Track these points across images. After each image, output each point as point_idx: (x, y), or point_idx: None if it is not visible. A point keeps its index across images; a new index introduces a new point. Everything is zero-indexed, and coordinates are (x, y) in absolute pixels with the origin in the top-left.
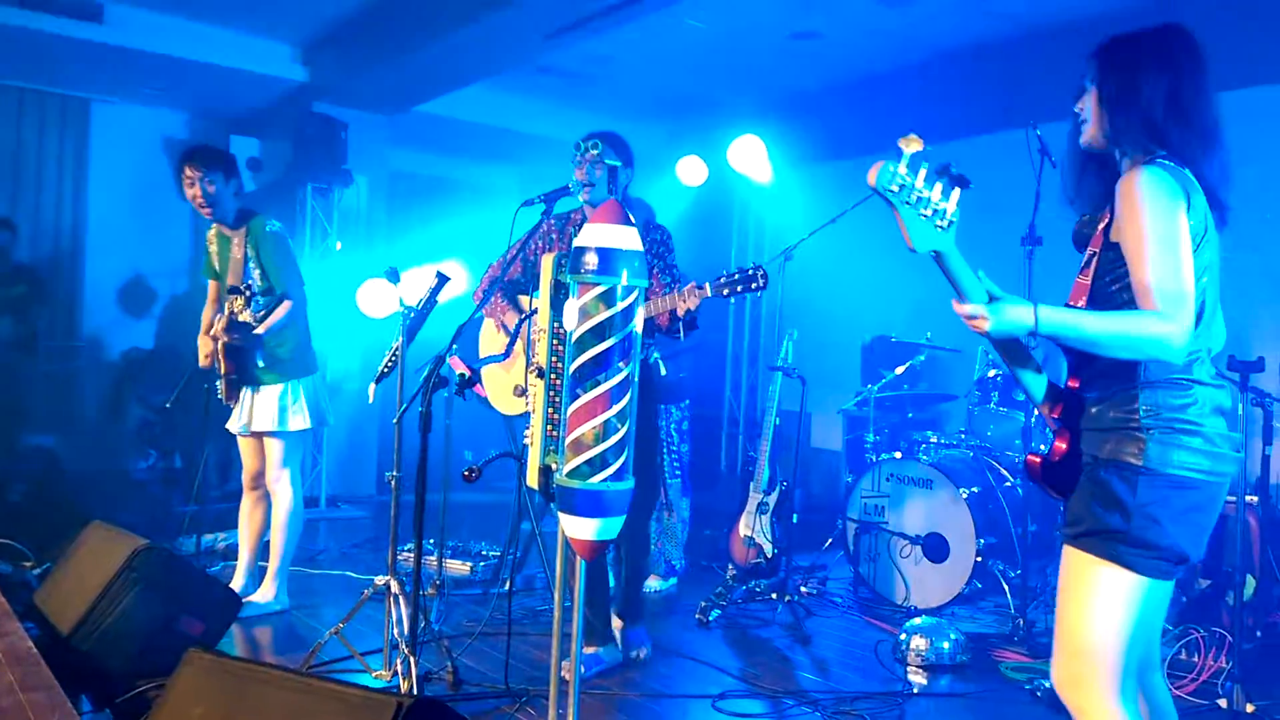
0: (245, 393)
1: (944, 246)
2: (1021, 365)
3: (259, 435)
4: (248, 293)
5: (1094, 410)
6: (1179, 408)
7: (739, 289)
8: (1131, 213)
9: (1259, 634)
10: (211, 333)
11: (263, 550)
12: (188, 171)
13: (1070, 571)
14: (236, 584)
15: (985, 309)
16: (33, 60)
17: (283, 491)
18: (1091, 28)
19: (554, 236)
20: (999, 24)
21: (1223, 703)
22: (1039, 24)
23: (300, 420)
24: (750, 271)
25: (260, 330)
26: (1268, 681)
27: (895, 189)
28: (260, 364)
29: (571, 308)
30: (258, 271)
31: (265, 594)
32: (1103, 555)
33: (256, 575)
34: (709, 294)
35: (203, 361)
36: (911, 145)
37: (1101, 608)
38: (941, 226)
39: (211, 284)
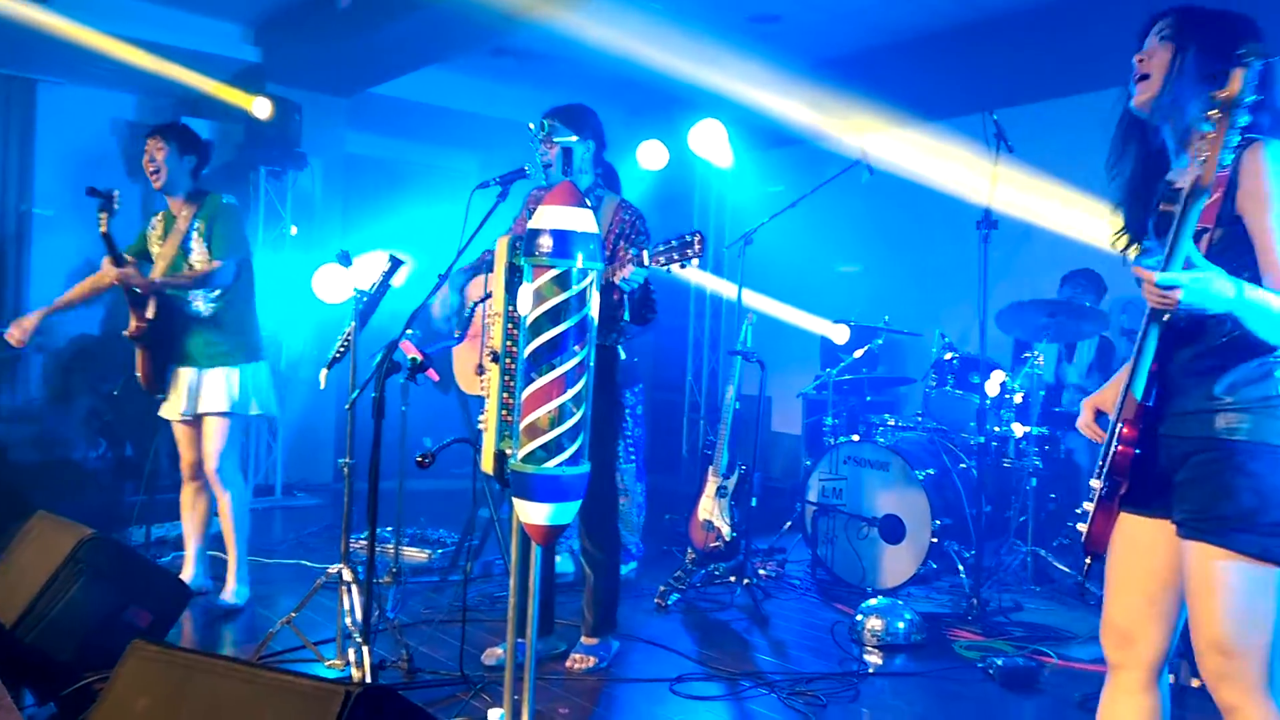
0: (186, 374)
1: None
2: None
3: (199, 420)
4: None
5: (1216, 387)
6: None
7: (675, 257)
8: (1272, 188)
9: None
10: (102, 274)
11: (213, 540)
12: (149, 142)
13: (1205, 569)
14: (186, 575)
15: (1186, 278)
16: None
17: (226, 482)
18: (1050, 14)
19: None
20: (958, 9)
21: (1170, 677)
22: (997, 9)
23: (253, 405)
24: (687, 238)
25: (169, 281)
26: None
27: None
28: (206, 345)
29: (526, 291)
30: (199, 243)
31: (231, 590)
32: (1256, 553)
33: (207, 565)
34: (645, 263)
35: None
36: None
37: (1245, 606)
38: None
39: (133, 265)
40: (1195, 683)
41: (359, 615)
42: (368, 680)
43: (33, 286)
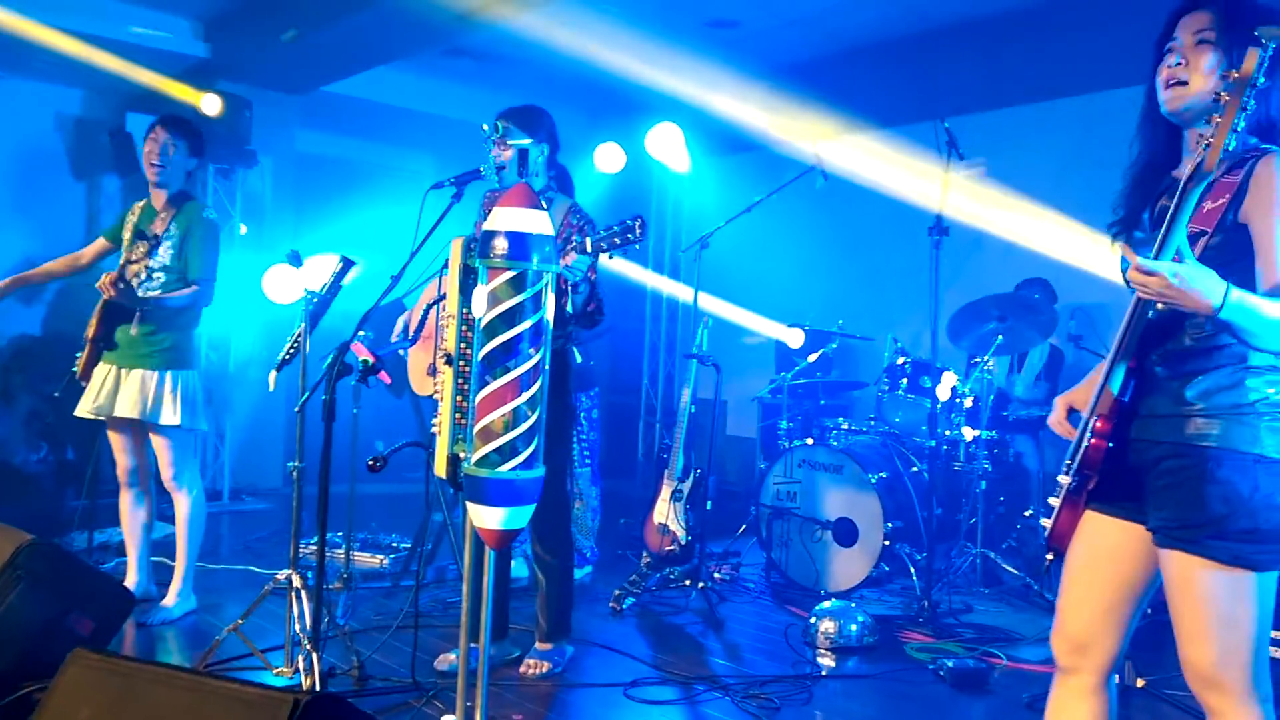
0: (107, 371)
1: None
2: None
3: (127, 424)
4: (153, 241)
5: (1188, 391)
6: (1271, 387)
7: (618, 242)
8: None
9: (1149, 611)
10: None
11: (157, 546)
12: (156, 130)
13: (1189, 579)
14: (130, 581)
15: (1170, 268)
16: None
17: (183, 490)
18: (1000, 25)
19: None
20: (911, 19)
21: (1116, 678)
22: (949, 20)
23: (171, 414)
24: (628, 222)
25: (152, 296)
26: (1156, 657)
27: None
28: (139, 345)
29: (480, 293)
30: (169, 250)
31: (173, 599)
32: (1224, 559)
33: (151, 571)
34: (588, 250)
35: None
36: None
37: (1226, 613)
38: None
39: (100, 242)
40: (1140, 683)
41: (308, 622)
42: (317, 688)
43: None
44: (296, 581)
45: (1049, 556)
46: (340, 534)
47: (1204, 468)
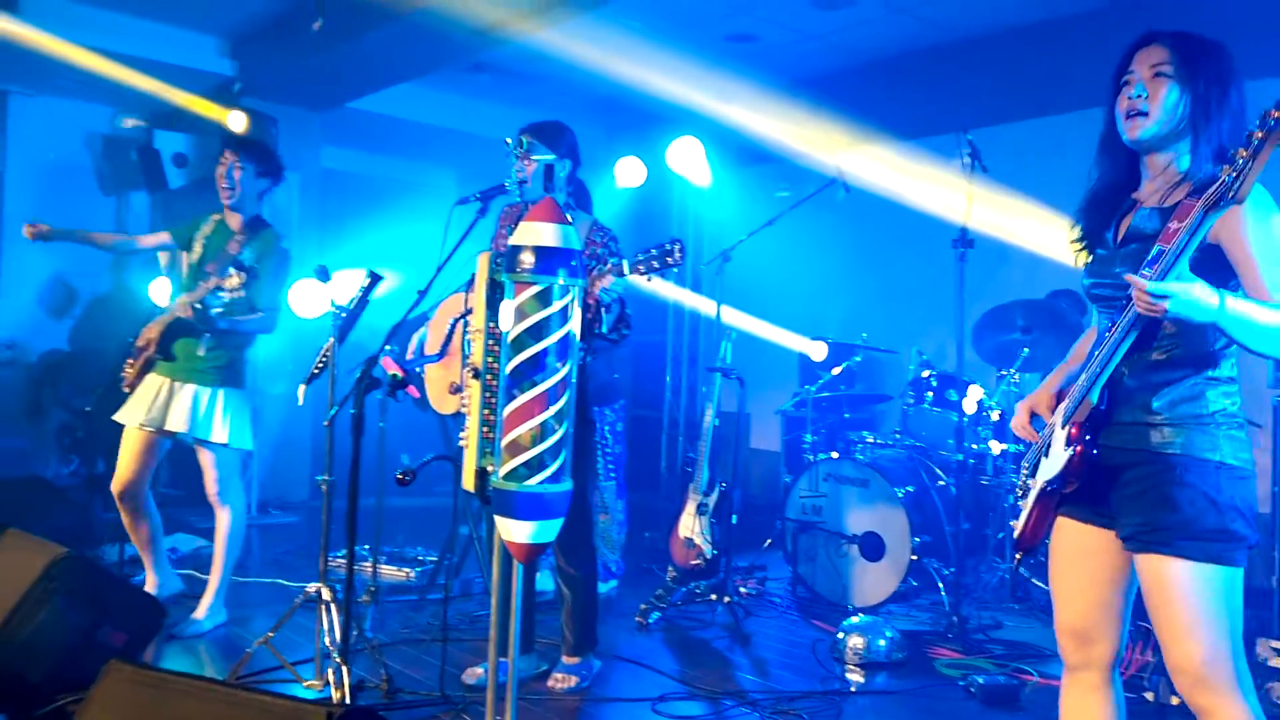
0: (160, 384)
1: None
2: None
3: (160, 438)
4: (231, 264)
5: (1154, 402)
6: (1234, 403)
7: (655, 265)
8: (1262, 223)
9: None
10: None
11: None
12: (224, 154)
13: (1166, 580)
14: (151, 585)
15: (1179, 289)
16: None
17: (226, 507)
18: (1018, 36)
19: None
20: (929, 30)
21: (1149, 695)
22: (969, 32)
23: (221, 431)
24: (667, 246)
25: (219, 313)
26: None
27: None
28: (195, 360)
29: (507, 308)
30: (240, 275)
31: (204, 612)
32: (1201, 558)
33: (168, 569)
34: (625, 273)
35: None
36: None
37: (1210, 610)
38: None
39: (164, 235)
40: (1175, 700)
41: (338, 635)
42: (347, 701)
43: (3, 299)
44: (326, 595)
45: (1017, 556)
46: (366, 547)
47: (1171, 474)
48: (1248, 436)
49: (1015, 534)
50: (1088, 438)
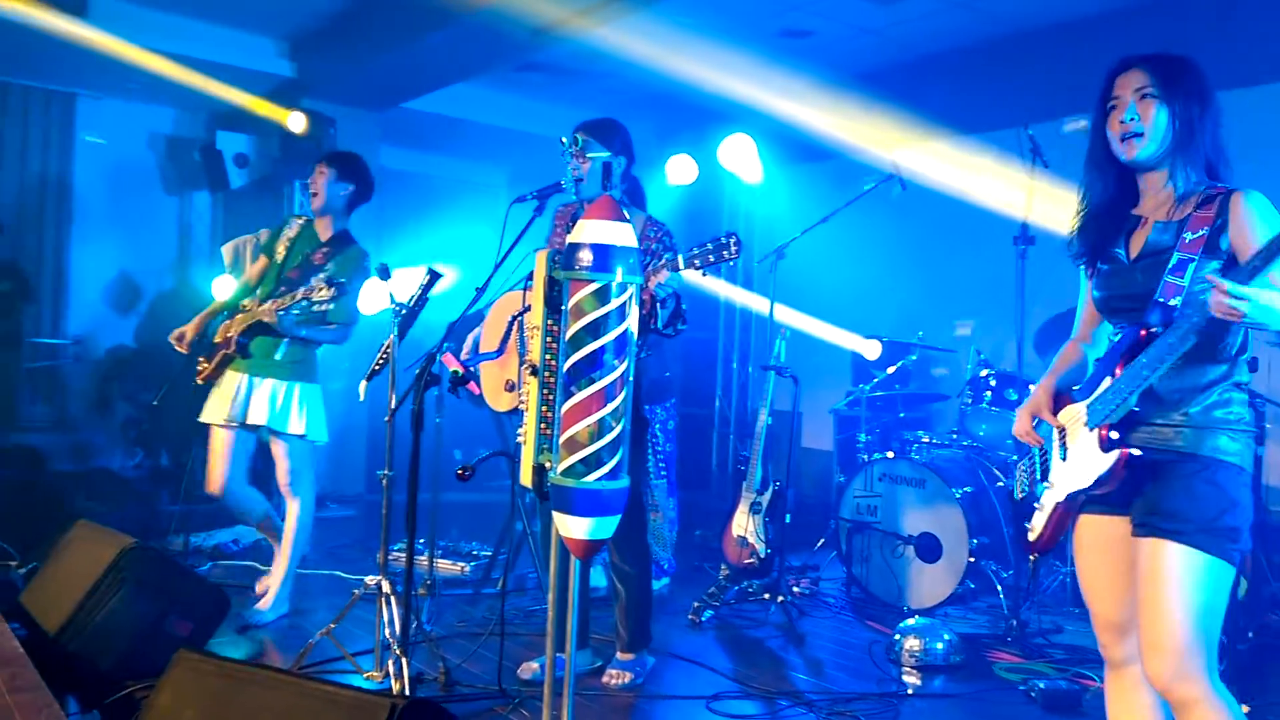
0: (239, 380)
1: None
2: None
3: (251, 430)
4: (313, 272)
5: (1183, 406)
6: (1249, 410)
7: (711, 259)
8: (1266, 214)
9: (1251, 634)
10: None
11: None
12: (317, 166)
13: (1168, 568)
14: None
15: (1253, 292)
16: (17, 54)
17: (297, 498)
18: (1080, 29)
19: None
20: (988, 24)
21: None
22: (1028, 25)
23: (297, 424)
24: (723, 240)
25: (296, 317)
26: (1261, 682)
27: None
28: (272, 355)
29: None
30: (322, 287)
31: (268, 602)
32: (1212, 551)
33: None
34: (680, 267)
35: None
36: None
37: (1207, 602)
38: None
39: (262, 260)
40: (1245, 709)
41: (397, 627)
42: (407, 692)
43: (72, 296)
44: (386, 587)
45: (1032, 557)
46: (422, 541)
47: (1204, 472)
48: (1251, 441)
49: (1032, 537)
50: (1128, 441)
